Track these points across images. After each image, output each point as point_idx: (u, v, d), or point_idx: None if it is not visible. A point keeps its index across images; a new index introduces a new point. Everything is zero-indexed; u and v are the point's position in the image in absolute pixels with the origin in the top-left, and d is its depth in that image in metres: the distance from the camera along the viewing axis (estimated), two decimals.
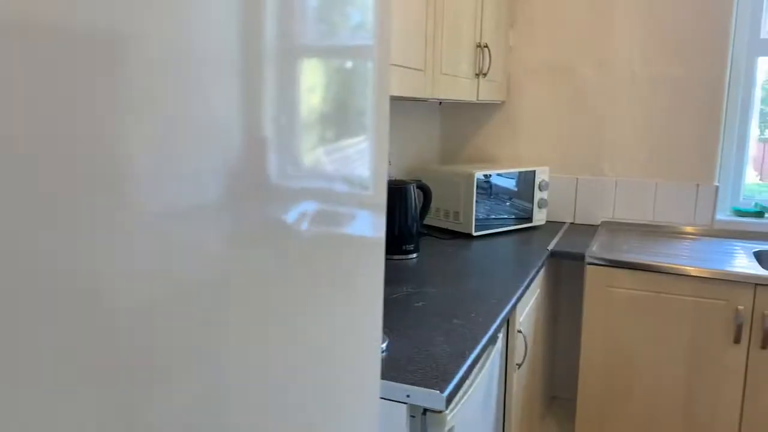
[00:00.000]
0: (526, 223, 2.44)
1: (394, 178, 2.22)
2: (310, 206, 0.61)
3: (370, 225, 0.71)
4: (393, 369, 1.08)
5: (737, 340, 1.88)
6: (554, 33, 2.56)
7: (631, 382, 2.04)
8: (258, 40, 0.49)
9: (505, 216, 2.37)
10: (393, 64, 1.43)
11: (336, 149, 0.66)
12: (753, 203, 2.43)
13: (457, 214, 2.30)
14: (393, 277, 1.69)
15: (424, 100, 1.80)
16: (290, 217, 0.57)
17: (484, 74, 2.19)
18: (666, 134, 2.43)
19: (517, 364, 1.68)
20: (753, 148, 2.87)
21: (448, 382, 1.03)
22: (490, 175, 2.28)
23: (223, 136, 0.46)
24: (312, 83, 0.61)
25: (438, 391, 1.00)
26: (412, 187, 1.98)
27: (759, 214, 2.37)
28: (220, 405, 0.48)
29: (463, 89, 2.02)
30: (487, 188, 2.31)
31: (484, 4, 2.13)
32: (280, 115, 0.54)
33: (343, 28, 0.66)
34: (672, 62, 2.39)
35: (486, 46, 2.17)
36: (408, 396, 1.01)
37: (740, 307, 1.86)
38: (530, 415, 2.05)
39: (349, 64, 0.67)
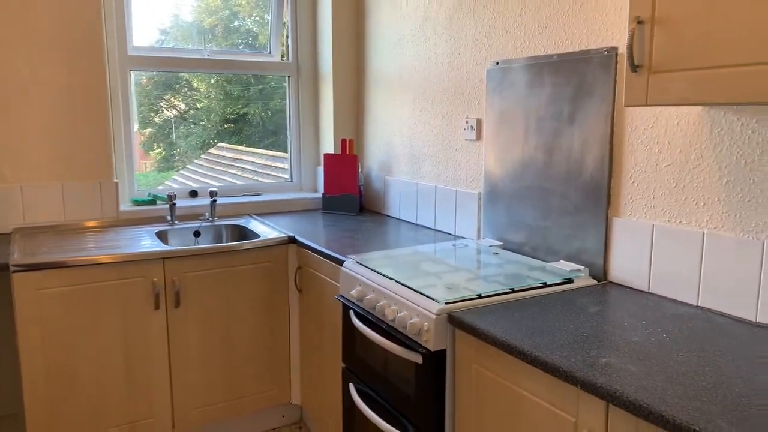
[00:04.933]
0: None
1: None
2: None
3: None
4: None
5: (157, 306, 2.30)
6: None
7: (76, 374, 2.20)
8: None
9: None
10: None
11: None
12: (147, 193, 2.91)
13: None
14: None
15: None
16: None
17: None
18: (65, 138, 2.60)
19: None
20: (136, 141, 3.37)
21: None
22: None
23: None
24: None
25: None
26: None
27: (152, 201, 2.86)
28: None
29: None
30: None
31: None
32: None
33: None
34: (59, 72, 2.55)
35: None
36: None
37: (155, 279, 2.28)
38: None
39: None
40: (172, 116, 3.35)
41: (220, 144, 3.51)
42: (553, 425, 1.29)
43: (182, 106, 3.35)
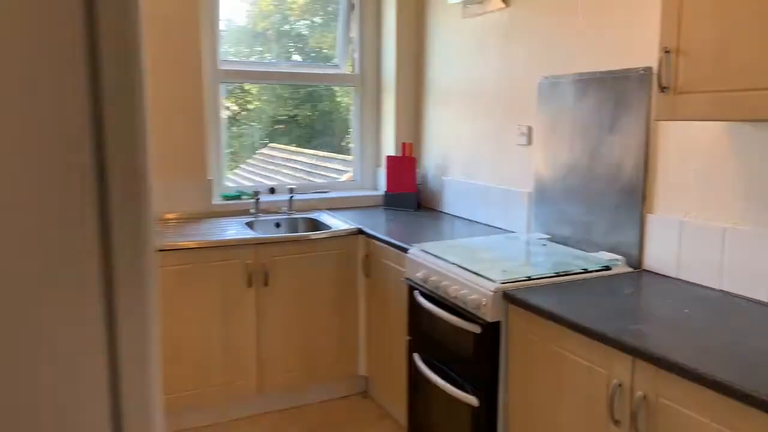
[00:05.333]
0: None
1: None
2: None
3: None
4: None
5: (249, 284, 2.70)
6: None
7: (183, 338, 2.61)
8: None
9: None
10: None
11: None
12: (234, 190, 3.32)
13: None
14: None
15: None
16: None
17: None
18: (169, 143, 3.03)
19: None
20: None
21: None
22: None
23: None
24: None
25: None
26: None
27: (238, 197, 3.27)
28: None
29: None
30: None
31: None
32: None
33: None
34: (167, 87, 2.97)
35: None
36: None
37: (248, 262, 2.68)
38: None
39: None
40: (226, 117, 3.65)
41: (271, 144, 3.78)
42: (590, 378, 1.60)
43: (234, 107, 3.63)
